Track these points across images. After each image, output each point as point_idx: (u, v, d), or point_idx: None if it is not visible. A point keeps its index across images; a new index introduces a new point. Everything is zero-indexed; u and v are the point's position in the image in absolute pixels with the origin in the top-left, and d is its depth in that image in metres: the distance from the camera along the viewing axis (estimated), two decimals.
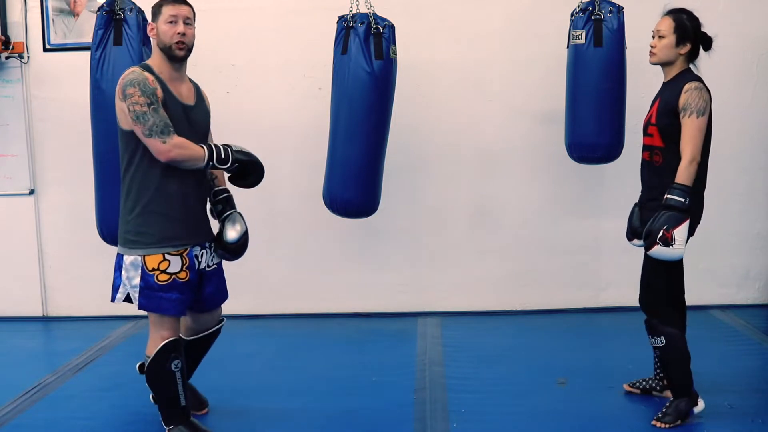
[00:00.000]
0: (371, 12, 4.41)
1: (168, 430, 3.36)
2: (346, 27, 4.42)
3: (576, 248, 5.28)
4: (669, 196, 3.40)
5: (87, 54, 4.40)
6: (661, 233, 3.34)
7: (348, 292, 5.35)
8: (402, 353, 4.58)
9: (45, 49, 5.25)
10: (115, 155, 4.30)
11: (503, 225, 5.32)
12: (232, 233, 3.42)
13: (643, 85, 4.99)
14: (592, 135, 4.46)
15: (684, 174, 3.43)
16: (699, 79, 3.52)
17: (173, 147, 3.13)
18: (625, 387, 3.91)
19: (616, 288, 5.30)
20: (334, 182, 4.46)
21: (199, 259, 3.35)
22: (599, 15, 4.39)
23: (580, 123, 4.46)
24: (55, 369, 4.46)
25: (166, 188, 3.23)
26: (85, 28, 5.12)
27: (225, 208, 3.49)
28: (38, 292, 5.45)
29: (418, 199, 5.27)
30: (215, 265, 3.46)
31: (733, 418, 3.62)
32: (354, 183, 4.46)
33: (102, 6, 4.30)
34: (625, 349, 4.52)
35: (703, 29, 3.60)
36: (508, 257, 5.32)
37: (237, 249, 3.44)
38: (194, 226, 3.34)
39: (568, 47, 4.51)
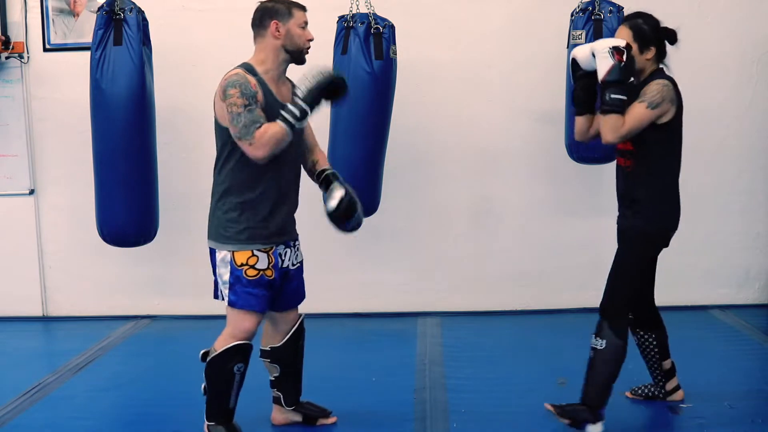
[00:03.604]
0: (371, 12, 4.42)
1: (207, 424, 3.35)
2: (346, 27, 4.43)
3: (576, 248, 5.27)
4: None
5: (87, 54, 4.41)
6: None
7: (348, 292, 5.35)
8: (402, 353, 4.58)
9: (45, 49, 5.24)
10: (115, 155, 4.35)
11: (503, 225, 5.32)
12: (331, 203, 3.35)
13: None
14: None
15: (608, 128, 3.26)
16: (670, 79, 3.39)
17: (258, 146, 3.09)
18: (628, 395, 3.83)
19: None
20: None
21: (283, 258, 3.35)
22: (599, 15, 4.39)
23: None
24: (55, 369, 4.45)
25: (259, 186, 3.23)
26: (85, 28, 5.12)
27: (327, 180, 3.44)
28: (38, 292, 5.45)
29: (418, 199, 5.27)
30: (299, 264, 3.47)
31: (733, 418, 3.61)
32: (354, 183, 4.45)
33: (102, 6, 4.30)
34: None
35: (663, 25, 3.49)
36: (508, 257, 5.32)
37: (340, 215, 3.35)
38: (282, 225, 3.33)
39: (568, 47, 4.51)
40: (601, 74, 3.26)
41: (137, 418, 3.81)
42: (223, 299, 3.31)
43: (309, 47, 3.32)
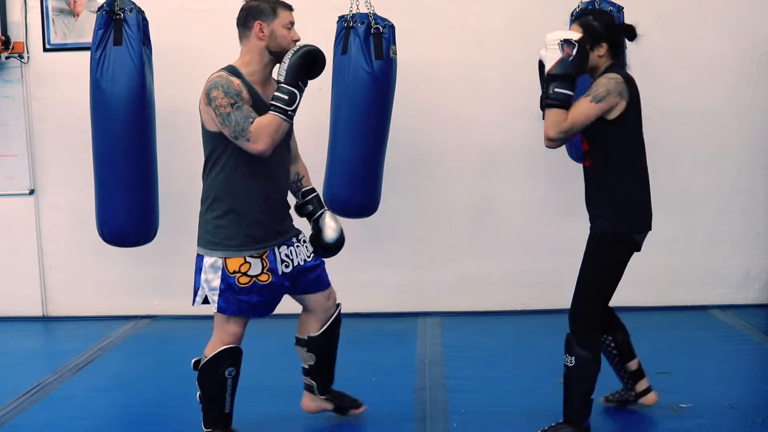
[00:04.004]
0: (371, 12, 4.42)
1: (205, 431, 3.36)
2: (346, 27, 4.43)
3: (576, 248, 5.22)
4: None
5: (87, 54, 4.41)
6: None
7: (348, 292, 5.32)
8: (402, 353, 4.58)
9: (45, 49, 5.25)
10: (115, 155, 4.35)
11: (503, 225, 5.32)
12: (330, 233, 3.40)
13: (643, 85, 4.98)
14: None
15: (550, 123, 3.16)
16: (621, 73, 3.27)
17: (256, 139, 3.06)
18: (602, 400, 3.75)
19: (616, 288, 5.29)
20: (334, 182, 4.47)
21: (291, 258, 3.33)
22: None
23: None
24: (55, 369, 4.45)
25: (249, 190, 3.21)
26: (85, 28, 5.12)
27: (315, 208, 3.46)
28: (38, 292, 5.45)
29: (418, 199, 5.27)
30: (312, 254, 3.45)
31: (733, 418, 3.61)
32: (354, 183, 4.47)
33: (102, 6, 4.30)
34: None
35: (619, 21, 3.36)
36: (508, 257, 5.32)
37: (336, 247, 3.44)
38: (277, 227, 3.31)
39: None
40: (547, 66, 3.17)
41: (137, 418, 3.81)
42: (208, 304, 3.28)
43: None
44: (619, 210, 3.29)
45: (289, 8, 3.26)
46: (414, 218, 5.29)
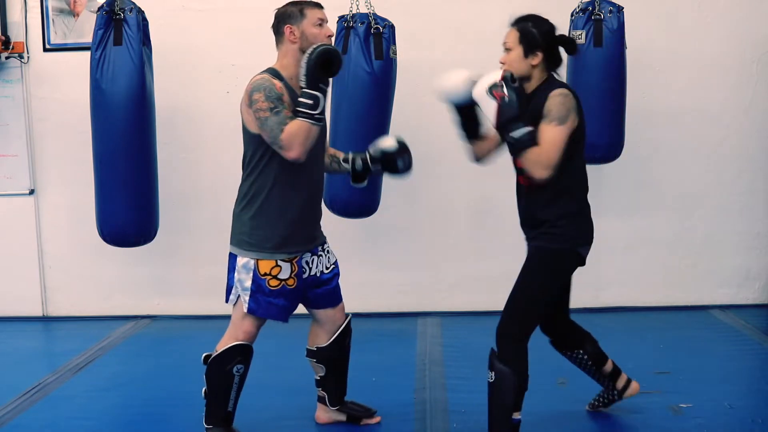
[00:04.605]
0: (371, 12, 4.42)
1: (206, 428, 3.36)
2: (346, 27, 4.43)
3: None
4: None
5: (87, 54, 4.41)
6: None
7: (348, 292, 5.31)
8: (402, 353, 4.58)
9: (45, 49, 5.24)
10: (115, 155, 4.35)
11: (503, 225, 5.29)
12: (387, 142, 3.43)
13: (643, 85, 5.01)
14: (592, 135, 4.40)
15: (532, 165, 3.06)
16: (565, 86, 3.17)
17: (287, 146, 3.05)
18: (587, 408, 3.73)
19: (616, 288, 5.30)
20: (334, 182, 4.47)
21: (310, 266, 3.36)
22: (599, 15, 4.39)
23: None
24: (55, 369, 4.45)
25: (285, 194, 3.22)
26: (85, 28, 5.12)
27: (356, 157, 3.50)
28: (38, 292, 5.45)
29: (418, 199, 5.27)
30: (332, 266, 3.48)
31: (733, 418, 3.61)
32: None
33: (102, 6, 4.30)
34: (624, 348, 4.50)
35: (559, 32, 3.24)
36: (508, 257, 5.25)
37: (400, 151, 3.45)
38: (308, 234, 3.33)
39: None
40: (493, 120, 3.06)
41: (137, 418, 3.81)
42: (236, 304, 3.29)
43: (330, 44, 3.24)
44: (567, 228, 3.21)
45: (318, 6, 3.27)
46: (414, 218, 5.29)
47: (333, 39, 3.30)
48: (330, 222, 4.77)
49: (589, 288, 5.30)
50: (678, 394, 3.85)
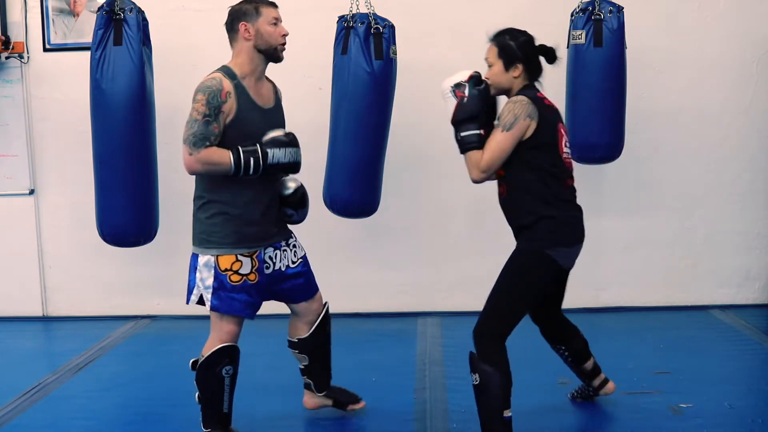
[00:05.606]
0: (371, 12, 4.42)
1: None
2: (346, 27, 4.43)
3: None
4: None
5: (87, 54, 4.41)
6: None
7: (348, 292, 5.35)
8: (402, 353, 4.58)
9: (45, 49, 5.25)
10: (115, 155, 4.35)
11: (503, 225, 5.26)
12: (290, 184, 3.43)
13: (643, 85, 5.01)
14: (592, 135, 4.47)
15: (469, 165, 3.26)
16: (527, 94, 3.21)
17: (195, 161, 3.13)
18: (569, 396, 3.83)
19: (616, 288, 5.30)
20: (334, 182, 4.47)
21: (274, 261, 3.36)
22: (599, 15, 4.39)
23: (580, 123, 4.47)
24: (55, 369, 4.46)
25: (241, 190, 3.23)
26: (85, 28, 5.12)
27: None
28: (38, 292, 5.45)
29: (418, 199, 5.27)
30: (299, 261, 3.46)
31: (733, 418, 3.61)
32: (354, 183, 4.46)
33: (102, 6, 4.30)
34: (625, 348, 4.52)
35: (539, 42, 3.30)
36: (508, 257, 5.31)
37: (297, 201, 3.43)
38: (267, 228, 3.33)
39: (568, 47, 4.51)
40: (450, 116, 3.19)
41: (137, 418, 3.81)
42: (203, 304, 3.30)
43: (283, 43, 3.29)
44: (541, 229, 3.26)
45: (273, 5, 3.30)
46: (414, 218, 5.29)
47: (286, 38, 3.31)
48: (330, 222, 4.79)
49: (589, 288, 5.31)
50: (678, 394, 3.85)
